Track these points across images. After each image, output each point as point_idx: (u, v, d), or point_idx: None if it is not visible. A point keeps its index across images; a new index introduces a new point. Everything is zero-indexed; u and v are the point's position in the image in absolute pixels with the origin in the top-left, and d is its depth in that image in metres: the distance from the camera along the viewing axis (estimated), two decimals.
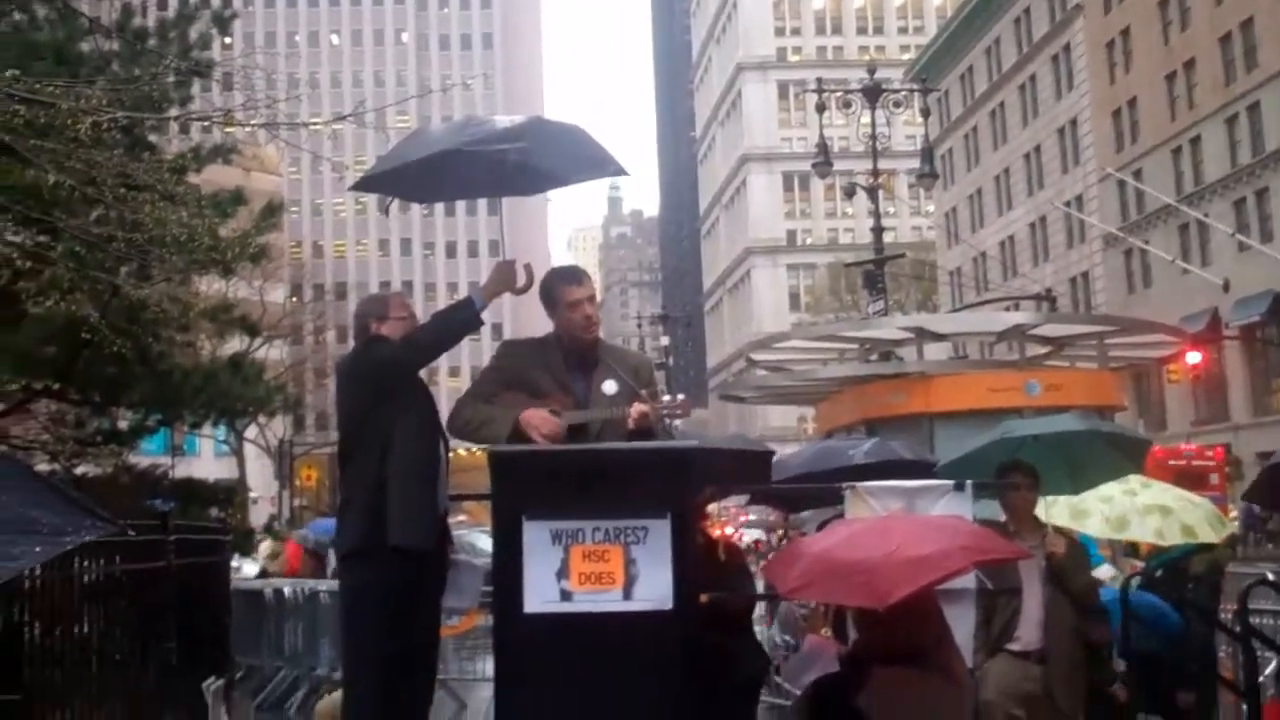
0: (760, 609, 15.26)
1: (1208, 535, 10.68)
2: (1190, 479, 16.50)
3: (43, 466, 16.87)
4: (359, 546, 6.74)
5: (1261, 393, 56.63)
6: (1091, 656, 9.01)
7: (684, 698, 6.19)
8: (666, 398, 7.22)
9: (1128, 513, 10.84)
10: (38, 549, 5.74)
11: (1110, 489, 10.85)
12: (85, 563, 9.43)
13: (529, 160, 6.76)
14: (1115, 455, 10.69)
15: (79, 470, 18.34)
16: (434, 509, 6.86)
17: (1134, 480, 11.23)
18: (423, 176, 7.28)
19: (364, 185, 7.59)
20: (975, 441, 10.02)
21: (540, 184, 7.61)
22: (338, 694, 7.86)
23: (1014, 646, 8.73)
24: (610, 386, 7.11)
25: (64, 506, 5.88)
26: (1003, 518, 9.16)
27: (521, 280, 7.05)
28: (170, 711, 11.39)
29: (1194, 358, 42.27)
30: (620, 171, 6.97)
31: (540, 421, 6.85)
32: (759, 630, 13.89)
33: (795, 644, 13.72)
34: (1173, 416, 61.48)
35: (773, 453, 10.34)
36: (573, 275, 7.37)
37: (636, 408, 6.94)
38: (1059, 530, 9.28)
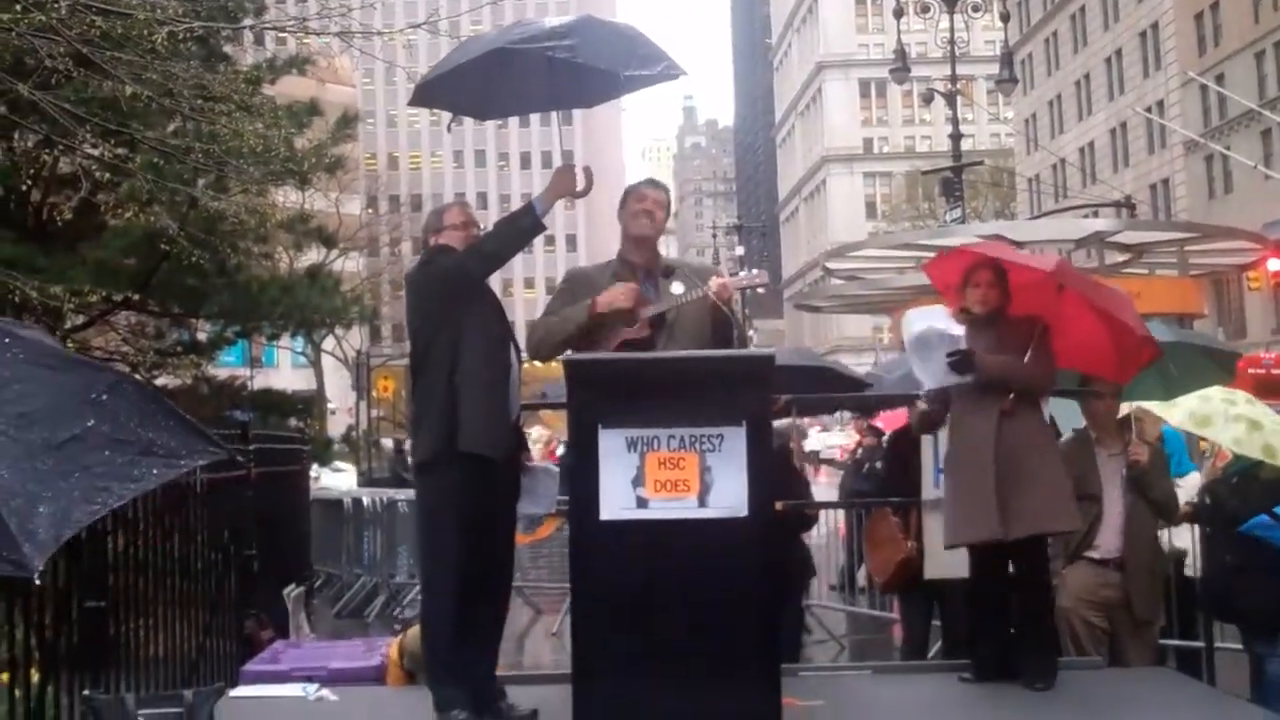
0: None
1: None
2: (1270, 387, 16.27)
3: None
4: (433, 455, 6.76)
5: None
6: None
7: (758, 604, 6.21)
8: (743, 272, 7.24)
9: (1215, 414, 10.71)
10: (155, 471, 5.80)
11: (1212, 391, 10.75)
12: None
13: (577, 56, 6.69)
14: (1209, 364, 10.60)
15: (159, 382, 18.49)
16: (506, 416, 6.86)
17: (1240, 394, 11.13)
18: (478, 86, 7.26)
19: (420, 97, 7.55)
20: None
21: (594, 91, 7.47)
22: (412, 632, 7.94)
23: (1093, 554, 8.69)
24: (678, 286, 7.15)
25: (181, 428, 5.95)
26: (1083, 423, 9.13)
27: (581, 184, 7.01)
28: (251, 619, 11.54)
29: (1275, 264, 41.66)
30: (674, 72, 6.86)
31: (618, 291, 6.94)
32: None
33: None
34: (1253, 324, 60.75)
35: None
36: (650, 181, 7.52)
37: (714, 280, 6.96)
38: (1142, 438, 9.20)
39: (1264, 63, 59.92)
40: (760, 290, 8.14)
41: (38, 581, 5.75)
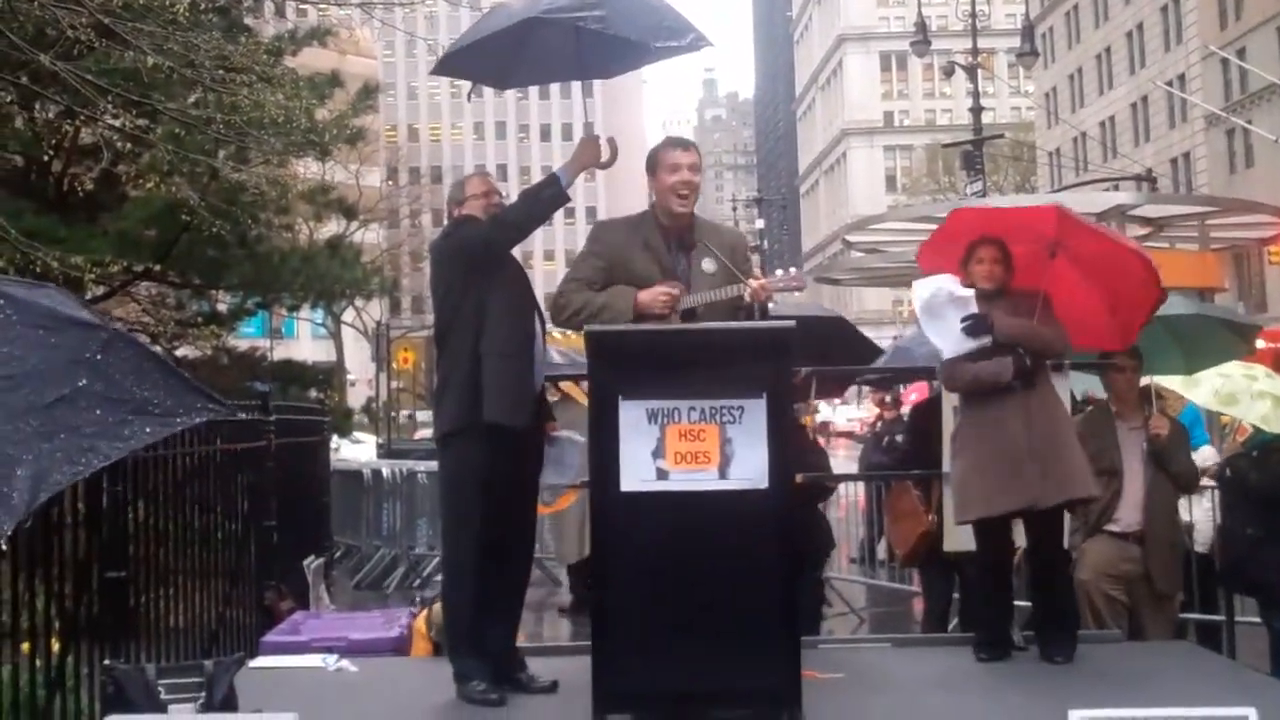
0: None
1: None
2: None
3: None
4: (456, 426, 6.77)
5: None
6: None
7: (778, 576, 6.22)
8: (780, 272, 7.22)
9: (1240, 392, 10.74)
10: (148, 430, 5.79)
11: (1231, 368, 10.78)
12: (189, 442, 9.57)
13: (607, 28, 6.67)
14: (1229, 336, 10.59)
15: (179, 352, 18.54)
16: (529, 386, 6.87)
17: (1259, 368, 11.14)
18: (502, 56, 7.25)
19: (445, 67, 7.54)
20: None
21: (619, 62, 7.51)
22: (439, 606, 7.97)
23: (1114, 528, 8.70)
24: (710, 265, 7.08)
25: (178, 386, 5.93)
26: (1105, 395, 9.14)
27: (605, 155, 7.01)
28: (271, 589, 11.59)
29: None
30: (700, 42, 6.83)
31: (660, 298, 6.89)
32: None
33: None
34: (1273, 298, 60.51)
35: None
36: (679, 141, 7.33)
37: (752, 282, 6.93)
38: (1162, 412, 9.20)
39: None
40: (796, 293, 8.10)
41: (3, 546, 5.76)
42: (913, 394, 18.15)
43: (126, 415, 5.67)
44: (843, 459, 25.58)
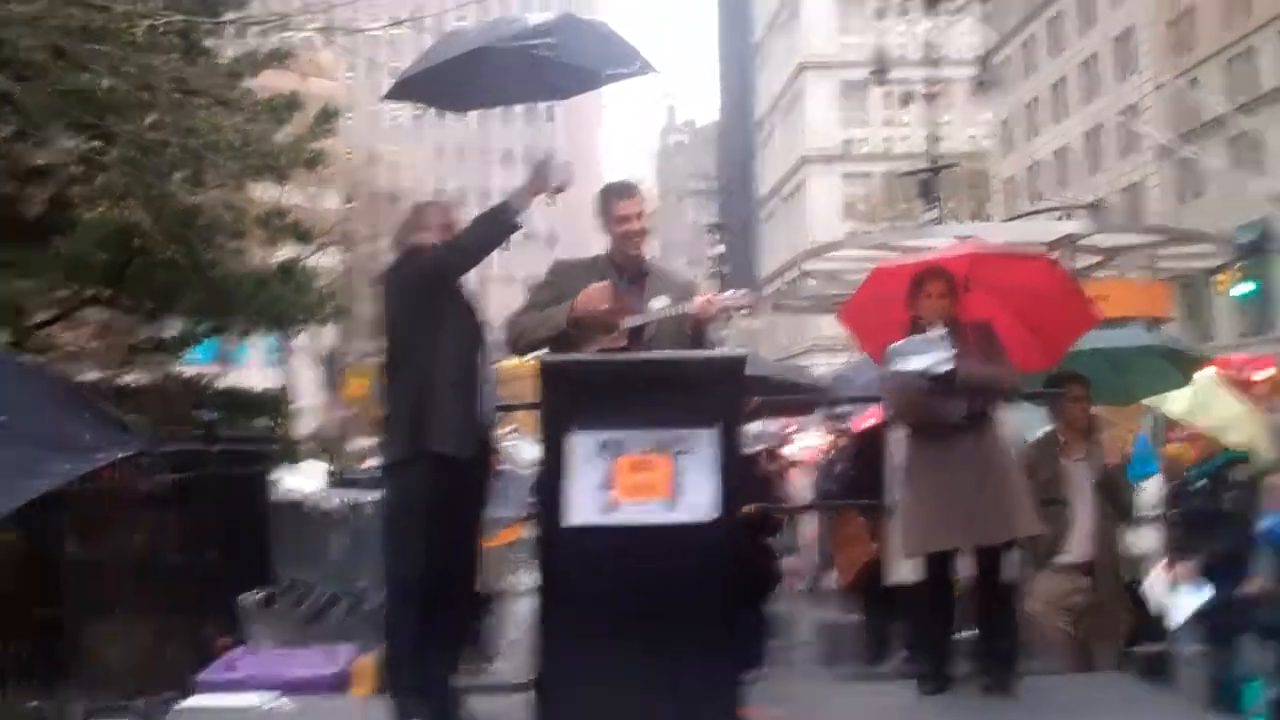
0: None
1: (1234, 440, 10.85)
2: (1241, 389, 16.31)
3: (91, 374, 16.94)
4: (402, 455, 6.75)
5: None
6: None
7: (725, 608, 6.21)
8: (729, 292, 7.24)
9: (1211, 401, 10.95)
10: (66, 466, 5.69)
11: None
12: (127, 474, 9.45)
13: (559, 56, 6.76)
14: (1167, 367, 10.71)
15: (127, 378, 18.36)
16: (475, 418, 6.83)
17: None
18: (456, 81, 7.30)
19: (399, 92, 7.55)
20: None
21: (571, 86, 7.59)
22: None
23: (1064, 558, 8.74)
24: (660, 301, 7.09)
25: (98, 422, 5.86)
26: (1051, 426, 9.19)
27: (560, 179, 7.01)
28: (212, 623, 11.44)
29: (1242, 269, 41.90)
30: (647, 68, 7.06)
31: (595, 293, 6.88)
32: None
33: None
34: (1220, 327, 60.96)
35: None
36: (623, 189, 7.36)
37: (698, 298, 6.94)
38: (1111, 442, 9.27)
39: (1236, 69, 60.15)
40: (744, 312, 8.11)
41: None
42: (869, 419, 18.15)
43: (46, 451, 5.57)
44: (806, 489, 25.43)
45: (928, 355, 7.32)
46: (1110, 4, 73.57)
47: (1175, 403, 11.27)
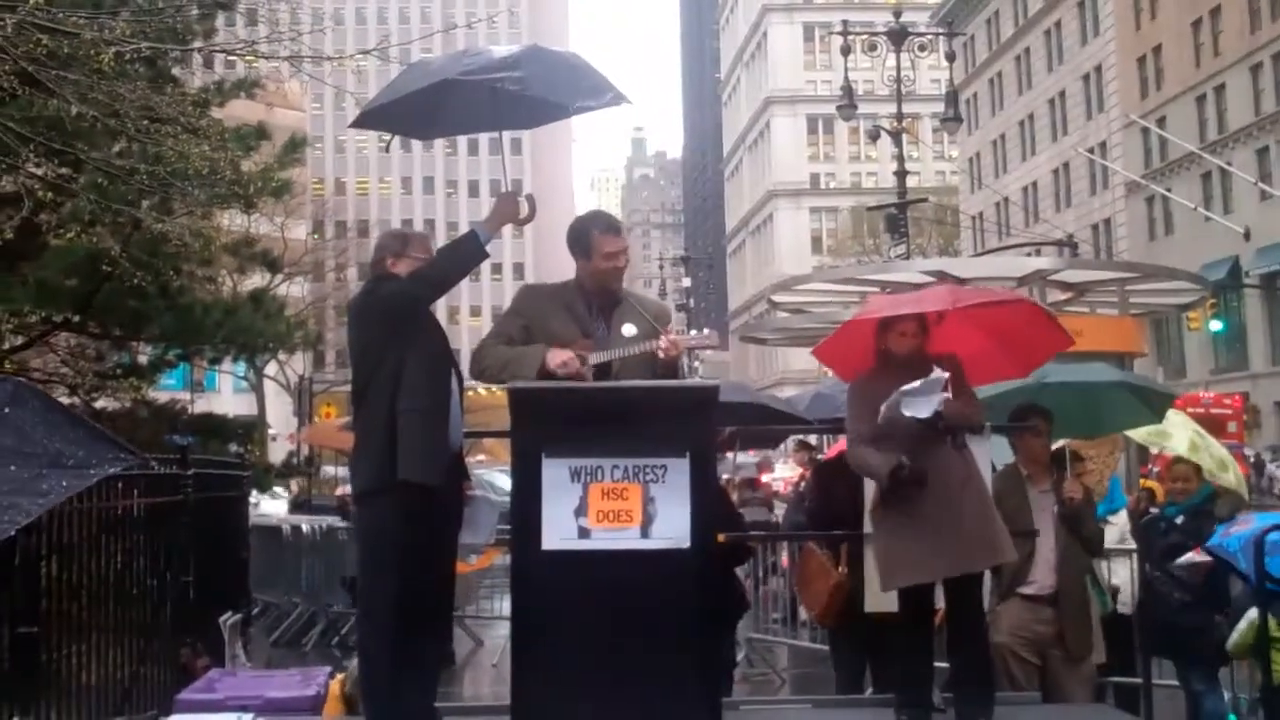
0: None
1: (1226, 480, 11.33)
2: (1209, 426, 16.53)
3: (62, 400, 16.90)
4: (374, 484, 6.74)
5: None
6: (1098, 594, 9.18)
7: (699, 635, 6.20)
8: (694, 332, 7.22)
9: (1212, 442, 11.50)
10: (65, 483, 5.70)
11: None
12: (104, 496, 9.44)
13: (526, 90, 6.73)
14: (1137, 404, 10.81)
15: (98, 404, 18.33)
16: (445, 445, 6.84)
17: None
18: (421, 110, 7.28)
19: (364, 120, 7.52)
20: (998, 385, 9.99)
21: (539, 115, 7.55)
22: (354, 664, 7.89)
23: (1027, 590, 8.77)
24: (630, 329, 7.07)
25: (88, 438, 5.84)
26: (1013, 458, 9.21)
27: (524, 212, 7.04)
28: (187, 646, 11.41)
29: (1213, 306, 42.24)
30: (620, 100, 6.93)
31: (564, 361, 6.82)
32: None
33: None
34: (1192, 364, 61.37)
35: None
36: (612, 226, 7.30)
37: (666, 338, 6.90)
38: (1077, 476, 9.29)
39: (1204, 107, 60.69)
40: (709, 351, 8.15)
41: None
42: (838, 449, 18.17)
43: (43, 469, 5.57)
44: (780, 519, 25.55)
45: (935, 398, 7.30)
46: (1078, 42, 74.17)
47: (1179, 442, 11.74)
